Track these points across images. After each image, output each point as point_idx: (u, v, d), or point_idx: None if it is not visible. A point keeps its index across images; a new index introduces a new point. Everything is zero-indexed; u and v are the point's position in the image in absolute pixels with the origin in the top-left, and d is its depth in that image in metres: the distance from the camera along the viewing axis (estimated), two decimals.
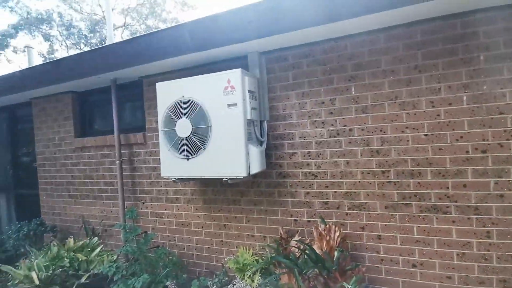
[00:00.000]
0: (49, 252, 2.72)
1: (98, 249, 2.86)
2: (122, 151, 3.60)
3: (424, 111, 2.30)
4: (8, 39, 19.09)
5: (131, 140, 3.58)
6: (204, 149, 2.61)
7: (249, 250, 2.85)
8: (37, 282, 2.38)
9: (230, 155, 2.52)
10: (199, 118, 2.62)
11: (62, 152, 4.24)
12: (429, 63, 2.28)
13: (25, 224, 3.79)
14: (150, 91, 3.43)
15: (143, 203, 3.55)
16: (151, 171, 3.49)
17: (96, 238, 3.09)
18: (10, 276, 2.63)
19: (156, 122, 3.41)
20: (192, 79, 2.69)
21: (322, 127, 2.63)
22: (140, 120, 3.65)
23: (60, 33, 21.95)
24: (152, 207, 3.49)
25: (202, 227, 3.19)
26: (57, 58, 3.51)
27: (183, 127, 2.68)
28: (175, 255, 3.10)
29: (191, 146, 2.66)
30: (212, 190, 3.12)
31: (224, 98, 2.54)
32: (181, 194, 3.31)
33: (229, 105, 2.53)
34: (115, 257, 2.81)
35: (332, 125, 2.60)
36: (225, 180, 2.54)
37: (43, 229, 3.86)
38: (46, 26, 21.12)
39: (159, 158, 3.40)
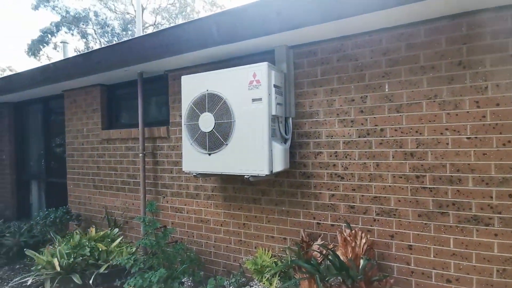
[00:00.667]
0: (71, 240, 2.76)
1: (118, 240, 2.87)
2: (145, 144, 3.62)
3: (467, 112, 2.09)
4: (49, 35, 20.22)
5: (155, 134, 3.59)
6: (226, 144, 2.54)
7: (268, 251, 2.75)
8: (58, 269, 2.42)
9: (253, 151, 2.43)
10: (223, 112, 2.55)
11: (90, 144, 4.35)
12: (475, 59, 2.07)
13: (52, 211, 3.91)
14: (175, 85, 3.42)
15: (164, 197, 3.55)
16: (173, 166, 3.48)
17: (117, 229, 3.12)
18: (33, 263, 2.70)
19: (180, 116, 3.39)
20: (217, 73, 2.63)
21: (351, 126, 2.48)
22: (165, 114, 3.66)
23: (95, 31, 23.01)
24: (173, 202, 3.48)
25: (221, 224, 3.13)
26: (88, 51, 3.58)
27: (206, 122, 2.63)
28: (193, 251, 3.06)
29: (213, 141, 2.60)
30: (233, 187, 3.05)
31: (248, 92, 2.46)
32: (202, 190, 3.26)
33: (253, 100, 2.44)
34: (133, 250, 2.81)
35: (362, 124, 2.44)
36: (246, 178, 2.45)
37: (68, 217, 3.97)
38: (83, 24, 22.20)
39: (181, 153, 3.38)
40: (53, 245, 3.69)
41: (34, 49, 20.39)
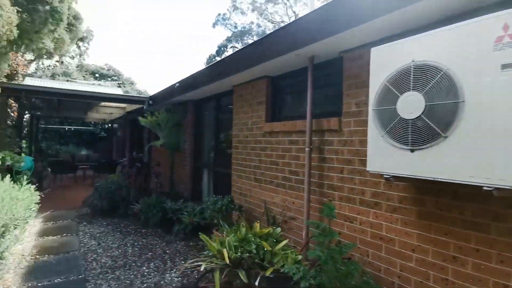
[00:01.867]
0: (238, 232, 2.64)
1: (284, 243, 2.54)
2: (312, 138, 3.20)
3: None
4: (223, 48, 24.10)
5: (323, 126, 3.11)
6: (446, 137, 1.71)
7: None
8: (227, 261, 2.29)
9: (501, 149, 1.50)
10: (440, 90, 1.74)
11: (253, 136, 4.37)
12: None
13: (219, 199, 4.10)
14: (352, 68, 2.83)
15: (330, 200, 3.01)
16: (344, 164, 2.89)
17: (279, 229, 2.82)
18: (202, 244, 2.72)
19: (357, 105, 2.78)
20: (431, 35, 1.84)
21: None
22: (336, 104, 3.13)
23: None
24: (341, 208, 2.89)
25: (413, 250, 2.29)
26: (257, 39, 3.50)
27: (410, 104, 1.88)
28: (371, 277, 2.37)
29: (421, 132, 1.82)
30: (436, 201, 2.16)
31: (494, 56, 1.55)
32: (383, 199, 2.52)
33: (504, 67, 1.52)
34: (299, 257, 2.41)
35: None
36: (486, 190, 1.55)
37: (232, 206, 4.07)
38: (247, 37, 25.30)
39: (355, 149, 2.76)
40: (220, 231, 3.83)
41: (211, 61, 24.81)
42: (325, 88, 3.37)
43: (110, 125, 16.11)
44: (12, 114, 9.18)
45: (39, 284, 3.16)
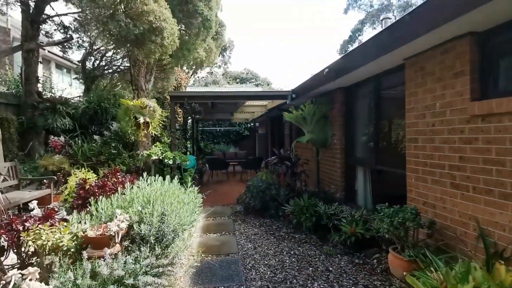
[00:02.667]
0: (469, 278, 1.59)
1: None
2: None
3: None
4: (358, 33, 21.96)
5: None
6: None
7: None
8: None
9: None
10: None
11: (446, 123, 3.08)
12: None
13: (398, 210, 3.05)
14: None
15: None
16: None
17: None
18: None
19: None
20: None
21: None
22: None
23: (395, 17, 22.30)
24: None
25: None
26: None
27: None
28: None
29: None
30: None
31: None
32: None
33: None
34: None
35: None
36: None
37: (420, 222, 2.95)
38: (385, 15, 22.17)
39: None
40: (404, 255, 2.80)
41: (344, 48, 23.01)
42: None
43: (252, 124, 17.20)
44: (178, 119, 10.78)
45: None
